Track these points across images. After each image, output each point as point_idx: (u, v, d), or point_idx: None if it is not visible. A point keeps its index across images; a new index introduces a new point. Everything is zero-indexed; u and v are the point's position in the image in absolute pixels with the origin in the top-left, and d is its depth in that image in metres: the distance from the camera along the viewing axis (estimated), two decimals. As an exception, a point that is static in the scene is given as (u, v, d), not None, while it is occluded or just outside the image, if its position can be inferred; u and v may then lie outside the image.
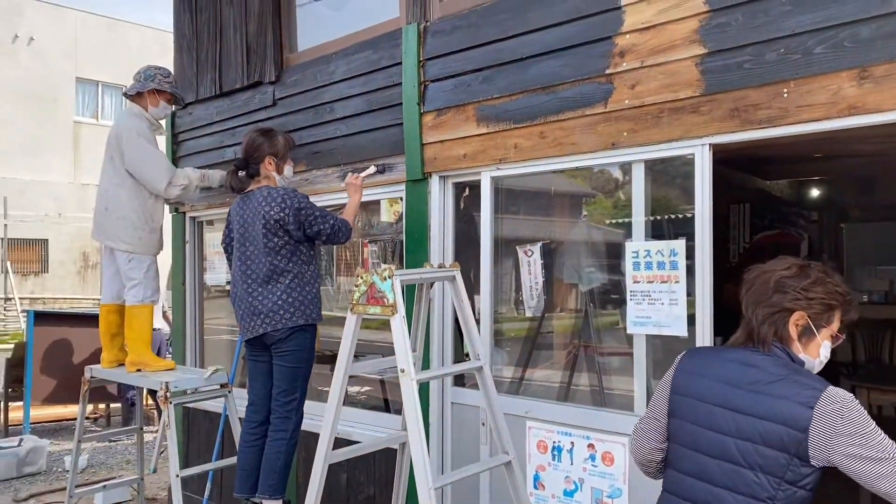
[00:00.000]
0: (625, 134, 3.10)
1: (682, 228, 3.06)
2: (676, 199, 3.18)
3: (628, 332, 3.15)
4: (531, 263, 3.82)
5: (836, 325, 2.02)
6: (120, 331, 4.78)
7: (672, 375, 2.12)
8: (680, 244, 2.98)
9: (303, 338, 3.65)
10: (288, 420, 3.64)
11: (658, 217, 3.19)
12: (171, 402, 4.13)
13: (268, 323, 3.59)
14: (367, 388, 5.12)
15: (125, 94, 4.66)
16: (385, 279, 2.95)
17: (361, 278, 3.04)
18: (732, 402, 1.94)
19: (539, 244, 3.84)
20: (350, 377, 3.24)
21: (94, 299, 21.24)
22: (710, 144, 2.90)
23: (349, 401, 4.89)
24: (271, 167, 3.83)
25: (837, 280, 2.04)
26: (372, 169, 4.06)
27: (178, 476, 4.05)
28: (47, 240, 21.56)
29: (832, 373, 7.49)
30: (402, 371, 2.85)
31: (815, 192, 8.16)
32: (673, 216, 3.19)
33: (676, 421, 2.06)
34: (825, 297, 1.99)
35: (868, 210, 8.01)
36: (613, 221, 3.75)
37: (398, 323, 2.91)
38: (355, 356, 3.25)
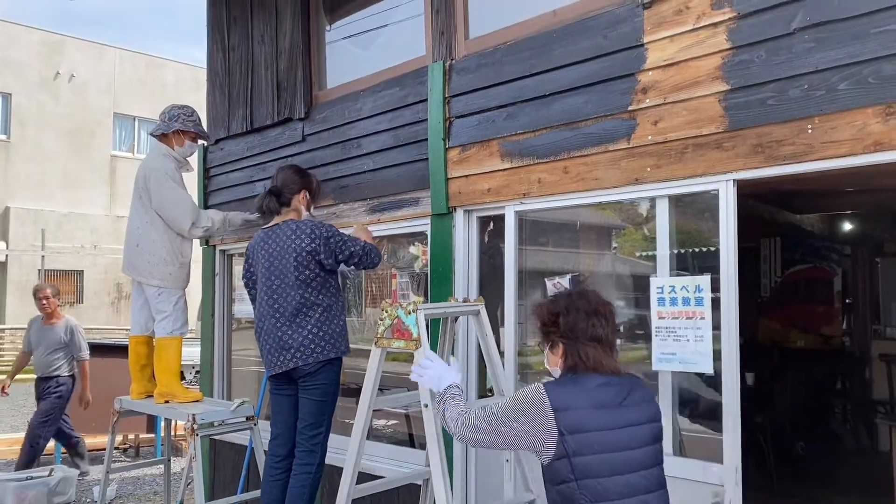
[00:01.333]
0: (648, 169, 3.10)
1: (708, 262, 3.04)
2: (701, 233, 3.17)
3: (653, 368, 3.12)
4: (558, 297, 3.80)
5: None
6: (149, 362, 4.84)
7: (553, 420, 2.12)
8: (705, 280, 2.96)
9: (331, 371, 3.66)
10: (313, 454, 3.63)
11: (684, 251, 3.18)
12: (197, 434, 4.16)
13: (298, 357, 3.60)
14: (394, 421, 5.11)
15: (152, 135, 4.79)
16: (409, 313, 2.96)
17: (387, 312, 3.05)
18: (628, 419, 2.18)
19: (568, 276, 3.83)
20: (375, 411, 3.24)
21: (126, 329, 21.51)
22: (734, 180, 2.89)
23: (374, 435, 4.88)
24: (304, 201, 3.87)
25: None
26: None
27: (203, 508, 4.07)
28: (83, 271, 21.96)
29: (870, 412, 7.32)
30: (426, 406, 2.84)
31: (847, 226, 8.04)
32: (698, 250, 3.17)
33: (585, 458, 2.11)
34: None
35: (903, 244, 7.87)
36: (644, 254, 3.72)
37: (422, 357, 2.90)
38: (381, 389, 3.26)
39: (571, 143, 3.37)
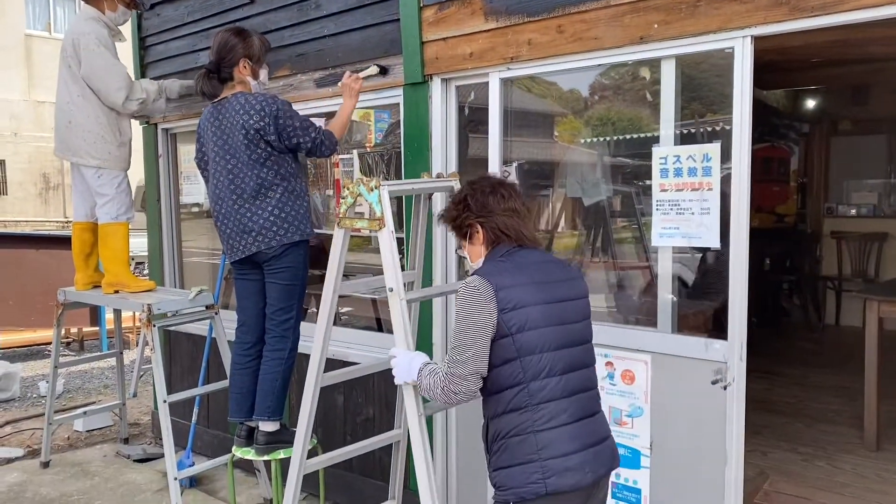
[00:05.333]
0: (655, 26, 2.81)
1: (715, 133, 2.83)
2: (709, 100, 2.93)
3: (653, 243, 2.94)
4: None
5: None
6: (94, 250, 4.50)
7: (493, 300, 2.04)
8: (714, 148, 2.74)
9: (297, 254, 3.39)
10: (285, 339, 3.42)
11: (690, 118, 2.95)
12: (154, 325, 3.89)
13: (260, 241, 3.31)
14: (364, 307, 4.90)
15: None
16: (372, 190, 2.68)
17: (348, 189, 2.77)
18: (568, 293, 2.16)
19: (514, 164, 3.62)
20: (343, 297, 3.04)
21: (57, 221, 20.60)
22: (752, 36, 2.63)
23: (343, 322, 4.68)
24: (246, 71, 3.45)
25: None
26: (373, 69, 3.65)
27: (165, 402, 3.85)
28: (4, 160, 20.63)
29: (818, 286, 7.47)
30: (391, 290, 2.62)
31: (808, 104, 7.95)
32: (706, 118, 2.95)
33: (527, 334, 2.04)
34: None
35: (859, 123, 7.86)
36: (644, 135, 3.46)
37: (386, 238, 2.66)
38: (346, 275, 3.01)
39: (567, -2, 3.03)
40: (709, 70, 2.91)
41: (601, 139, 3.78)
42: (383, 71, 3.70)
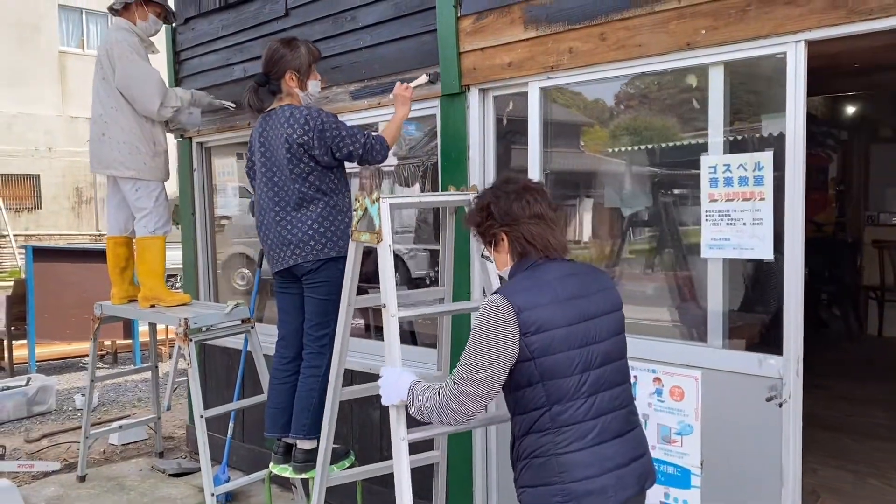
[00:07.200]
0: (703, 32, 2.73)
1: (766, 141, 2.74)
2: (760, 108, 2.84)
3: (703, 255, 2.85)
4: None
5: None
6: (129, 264, 4.51)
7: (515, 322, 1.94)
8: (767, 156, 2.65)
9: (335, 269, 3.34)
10: (321, 355, 3.36)
11: (739, 125, 2.86)
12: (191, 340, 3.87)
13: (297, 254, 3.28)
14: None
15: (111, 9, 4.31)
16: (374, 203, 2.64)
17: (359, 202, 2.74)
18: (596, 309, 2.04)
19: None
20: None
21: (89, 235, 20.90)
22: (805, 41, 2.54)
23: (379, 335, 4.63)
24: (293, 83, 3.41)
25: None
26: (423, 78, 3.56)
27: (202, 417, 3.83)
28: (39, 175, 21.00)
29: (858, 296, 7.24)
30: (384, 306, 2.57)
31: (847, 110, 7.77)
32: (755, 125, 2.86)
33: (552, 358, 1.95)
34: None
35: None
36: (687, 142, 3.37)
37: (384, 252, 2.62)
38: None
39: (610, 5, 2.95)
40: (759, 76, 2.83)
41: (645, 147, 3.69)
42: (433, 79, 3.62)
